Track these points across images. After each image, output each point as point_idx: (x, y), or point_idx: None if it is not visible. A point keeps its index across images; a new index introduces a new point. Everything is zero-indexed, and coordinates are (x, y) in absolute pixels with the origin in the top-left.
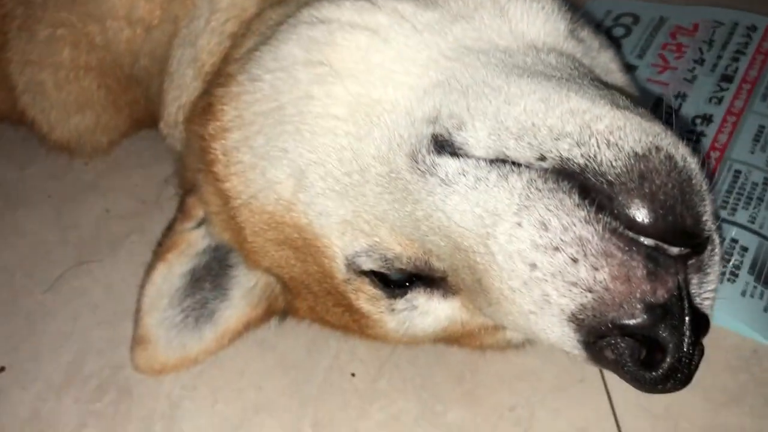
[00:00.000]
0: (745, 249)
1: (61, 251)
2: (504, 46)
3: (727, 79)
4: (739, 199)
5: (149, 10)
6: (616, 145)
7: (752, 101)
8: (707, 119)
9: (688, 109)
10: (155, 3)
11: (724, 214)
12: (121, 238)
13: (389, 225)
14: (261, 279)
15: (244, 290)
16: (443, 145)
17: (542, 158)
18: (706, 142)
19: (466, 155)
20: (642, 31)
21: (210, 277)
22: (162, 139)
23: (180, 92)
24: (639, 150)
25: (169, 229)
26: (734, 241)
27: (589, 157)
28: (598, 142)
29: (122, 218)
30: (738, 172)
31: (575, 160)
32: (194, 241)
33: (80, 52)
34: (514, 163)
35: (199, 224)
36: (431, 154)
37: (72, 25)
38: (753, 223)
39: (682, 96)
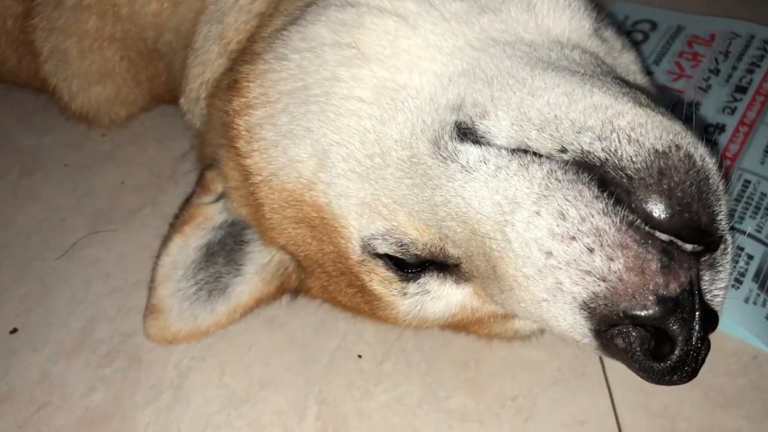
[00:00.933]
0: (750, 257)
1: (75, 219)
2: (529, 40)
3: (741, 90)
4: (746, 208)
5: None
6: (637, 141)
7: (765, 113)
8: (720, 128)
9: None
10: None
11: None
12: (134, 210)
13: (407, 210)
14: (275, 256)
15: (258, 266)
16: (466, 133)
17: (563, 150)
18: (718, 151)
19: (488, 144)
20: (659, 38)
21: (224, 251)
22: (182, 114)
23: (204, 68)
24: (659, 147)
25: (187, 202)
26: (740, 248)
27: (610, 151)
28: (619, 138)
29: (137, 190)
30: (747, 182)
31: (596, 154)
32: (211, 215)
33: (106, 23)
34: (535, 153)
35: (217, 199)
36: (453, 140)
37: None
38: (759, 232)
39: (695, 104)
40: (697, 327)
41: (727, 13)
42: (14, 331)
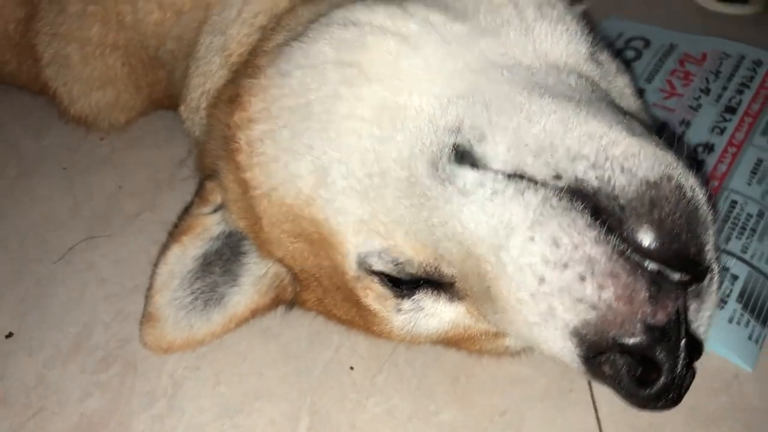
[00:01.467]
0: (735, 277)
1: (72, 223)
2: (527, 64)
3: (731, 110)
4: (733, 229)
5: None
6: (630, 171)
7: (753, 134)
8: (709, 148)
9: (691, 137)
10: None
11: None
12: (131, 215)
13: (404, 229)
14: (272, 268)
15: (255, 278)
16: (463, 156)
17: (558, 177)
18: (706, 170)
19: (485, 167)
20: (652, 56)
21: (221, 262)
22: (181, 121)
23: (205, 79)
24: (651, 178)
25: (186, 211)
26: (726, 269)
27: (604, 180)
28: (612, 167)
29: (134, 195)
30: (734, 202)
31: (590, 182)
32: (209, 226)
33: (109, 30)
34: (530, 179)
35: (216, 210)
36: (451, 163)
37: (104, 3)
38: (745, 253)
39: (686, 123)
40: (682, 356)
41: (719, 32)
42: (10, 335)
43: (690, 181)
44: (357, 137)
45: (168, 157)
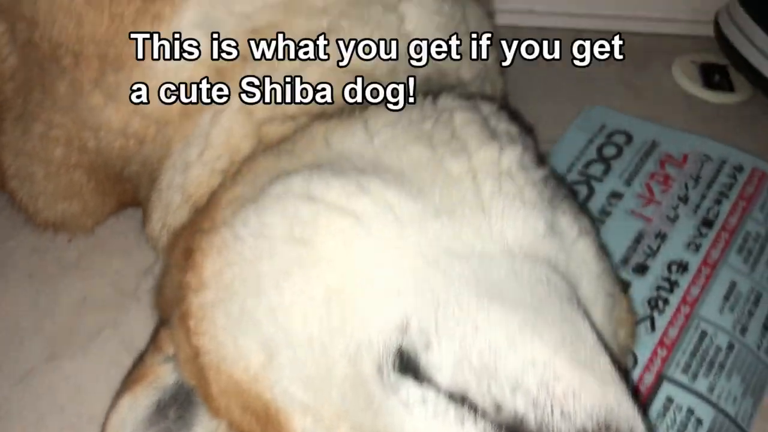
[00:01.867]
0: (699, 422)
1: (35, 339)
2: (480, 250)
3: (708, 224)
4: (701, 364)
5: (144, 126)
6: (569, 416)
7: (728, 253)
8: (683, 267)
9: (666, 253)
10: (150, 121)
11: (685, 379)
12: (94, 333)
13: (349, 424)
14: (223, 425)
15: (207, 431)
16: (409, 363)
17: (499, 407)
18: (678, 294)
19: (429, 380)
20: (633, 154)
21: (177, 404)
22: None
23: (165, 212)
24: (588, 427)
25: (141, 359)
26: (690, 411)
27: (543, 423)
28: (552, 408)
29: (98, 309)
30: (704, 333)
31: (529, 424)
32: (162, 375)
33: (72, 152)
34: (471, 405)
35: (170, 358)
36: (396, 369)
37: (66, 128)
38: (711, 392)
39: (662, 236)
40: None
41: (704, 120)
42: None
43: (630, 423)
44: (305, 323)
45: (134, 263)
